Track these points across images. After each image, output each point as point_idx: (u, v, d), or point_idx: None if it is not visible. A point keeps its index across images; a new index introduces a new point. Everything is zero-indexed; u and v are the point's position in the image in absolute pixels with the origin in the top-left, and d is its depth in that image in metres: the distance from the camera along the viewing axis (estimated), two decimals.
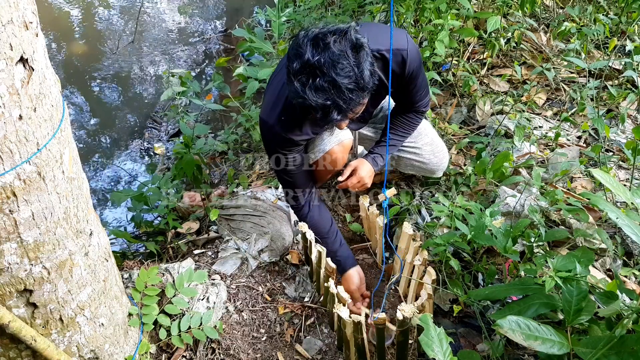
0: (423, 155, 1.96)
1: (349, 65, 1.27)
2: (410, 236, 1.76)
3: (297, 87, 1.29)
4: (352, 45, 1.29)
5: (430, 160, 1.97)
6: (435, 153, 1.97)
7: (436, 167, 2.01)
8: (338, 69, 1.26)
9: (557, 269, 1.23)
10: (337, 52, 1.26)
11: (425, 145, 1.94)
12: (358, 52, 1.29)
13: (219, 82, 2.59)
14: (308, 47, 1.27)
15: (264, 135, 1.67)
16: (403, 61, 1.57)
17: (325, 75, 1.26)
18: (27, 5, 0.92)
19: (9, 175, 0.95)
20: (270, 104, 1.60)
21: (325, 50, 1.26)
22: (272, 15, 2.77)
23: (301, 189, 1.81)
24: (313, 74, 1.27)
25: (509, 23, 3.01)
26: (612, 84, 2.67)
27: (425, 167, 2.00)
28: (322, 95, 1.28)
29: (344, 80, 1.27)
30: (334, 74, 1.26)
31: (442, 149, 2.00)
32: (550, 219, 1.90)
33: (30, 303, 1.14)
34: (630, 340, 1.01)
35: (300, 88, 1.29)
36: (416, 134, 1.92)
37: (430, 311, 1.68)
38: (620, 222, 1.11)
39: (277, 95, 1.57)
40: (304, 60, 1.27)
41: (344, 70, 1.27)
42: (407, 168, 2.06)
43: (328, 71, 1.26)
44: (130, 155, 3.54)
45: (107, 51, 4.52)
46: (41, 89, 0.98)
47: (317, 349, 1.78)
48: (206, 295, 1.84)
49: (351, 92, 1.29)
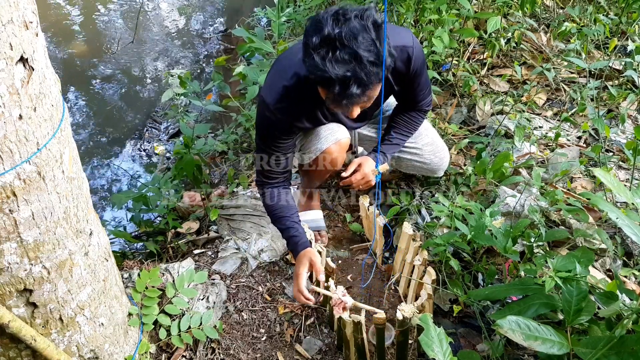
0: (424, 155, 1.96)
1: (370, 38, 1.26)
2: (410, 236, 1.76)
3: (317, 60, 1.27)
4: (373, 21, 1.28)
5: (432, 161, 1.97)
6: (436, 153, 1.97)
7: (437, 167, 2.01)
8: (359, 41, 1.25)
9: (557, 269, 1.23)
10: (358, 25, 1.26)
11: (425, 145, 1.94)
12: (378, 29, 1.29)
13: (219, 82, 2.58)
14: (329, 21, 1.26)
15: (258, 116, 1.64)
16: (409, 58, 1.57)
17: (346, 47, 1.25)
18: (27, 5, 0.92)
19: (9, 175, 0.95)
20: (271, 83, 1.58)
21: (345, 24, 1.25)
22: (272, 15, 2.77)
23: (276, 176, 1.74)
24: (333, 46, 1.25)
25: (509, 23, 3.00)
26: (613, 84, 2.67)
27: (426, 167, 2.00)
28: (342, 67, 1.26)
29: (364, 52, 1.25)
30: (354, 45, 1.24)
31: (443, 149, 2.00)
32: (550, 219, 1.90)
33: (30, 303, 1.14)
34: (630, 340, 1.01)
35: (320, 61, 1.27)
36: (416, 135, 1.91)
37: (430, 311, 1.68)
38: (620, 222, 1.11)
39: (278, 75, 1.56)
40: (324, 34, 1.26)
41: (365, 42, 1.26)
42: (409, 168, 2.07)
43: (349, 43, 1.24)
44: (130, 155, 3.54)
45: (107, 51, 4.52)
46: (41, 89, 0.98)
47: (317, 348, 1.78)
48: (206, 295, 1.84)
49: (372, 64, 1.27)
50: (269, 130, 1.64)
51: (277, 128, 1.63)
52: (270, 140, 1.66)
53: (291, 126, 1.65)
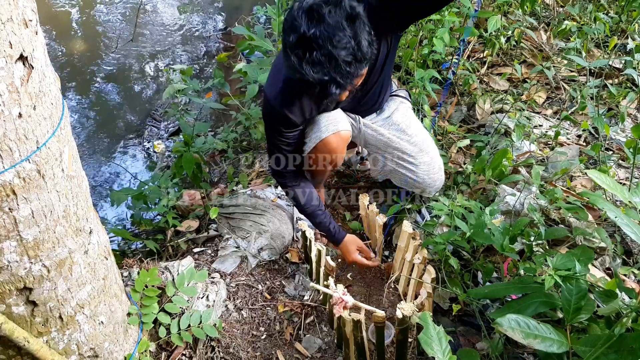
0: (418, 173, 1.91)
1: (345, 36, 1.25)
2: (410, 235, 1.76)
3: (294, 61, 1.28)
4: (347, 16, 1.26)
5: (424, 180, 1.92)
6: (431, 174, 1.92)
7: (429, 187, 1.96)
8: (335, 42, 1.24)
9: (557, 268, 1.23)
10: (332, 23, 1.24)
11: (422, 164, 1.90)
12: (354, 23, 1.27)
13: (219, 79, 2.58)
14: (303, 20, 1.25)
15: (264, 111, 1.66)
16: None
17: (322, 48, 1.24)
18: (26, 3, 0.92)
19: (9, 174, 0.95)
20: (273, 78, 1.59)
21: (320, 23, 1.24)
22: (272, 12, 2.77)
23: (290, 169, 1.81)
24: (309, 47, 1.25)
25: (509, 22, 3.00)
26: (612, 82, 2.67)
27: (417, 185, 1.95)
28: (319, 69, 1.26)
29: (341, 52, 1.25)
30: (330, 47, 1.24)
31: (439, 172, 1.94)
32: (550, 218, 1.90)
33: (29, 301, 1.14)
34: (629, 338, 1.02)
35: (297, 62, 1.27)
36: (417, 150, 1.88)
37: (430, 310, 1.68)
38: (619, 221, 1.11)
39: (279, 69, 1.56)
40: (300, 33, 1.25)
41: (341, 42, 1.25)
42: (401, 183, 2.02)
43: (325, 43, 1.24)
44: (130, 153, 3.53)
45: (107, 49, 4.51)
46: (41, 87, 0.98)
47: (316, 347, 1.78)
48: (206, 293, 1.85)
49: (349, 65, 1.27)
50: (276, 126, 1.66)
51: (284, 122, 1.64)
52: (280, 137, 1.69)
53: (297, 117, 1.65)
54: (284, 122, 1.64)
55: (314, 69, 1.27)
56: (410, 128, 1.90)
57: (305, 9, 1.25)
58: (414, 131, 1.89)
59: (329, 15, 1.24)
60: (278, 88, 1.56)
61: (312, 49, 1.25)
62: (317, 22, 1.24)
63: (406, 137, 1.88)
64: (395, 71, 2.95)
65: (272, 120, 1.66)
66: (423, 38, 2.85)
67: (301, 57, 1.27)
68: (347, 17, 1.26)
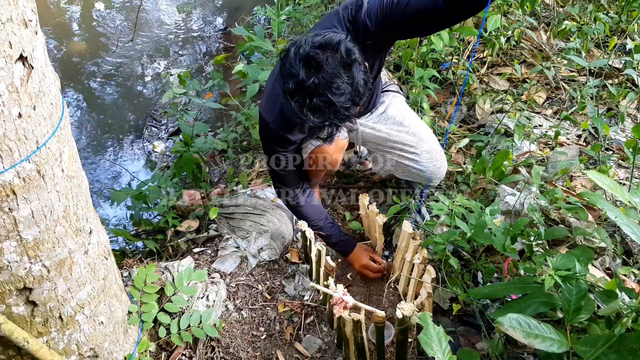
0: (421, 162, 1.93)
1: (343, 83, 1.29)
2: (410, 235, 1.76)
3: (295, 107, 1.32)
4: (344, 63, 1.30)
5: (428, 169, 1.94)
6: (434, 162, 1.94)
7: (433, 175, 1.98)
8: (333, 89, 1.28)
9: (557, 268, 1.23)
10: (330, 71, 1.28)
11: (424, 152, 1.92)
12: (351, 68, 1.31)
13: (219, 80, 2.58)
14: (301, 68, 1.28)
15: (262, 131, 1.70)
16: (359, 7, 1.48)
17: (321, 95, 1.28)
18: (26, 3, 0.92)
19: (9, 174, 0.95)
20: (270, 102, 1.62)
21: (318, 71, 1.27)
22: (271, 13, 2.77)
23: (293, 186, 1.84)
24: (309, 94, 1.29)
25: (509, 21, 3.00)
26: (612, 82, 2.68)
27: (422, 174, 1.96)
28: (319, 115, 1.31)
29: (340, 98, 1.29)
30: (330, 94, 1.28)
31: (441, 158, 1.96)
32: (550, 218, 1.90)
33: (29, 301, 1.14)
34: (629, 339, 1.01)
35: (298, 108, 1.31)
36: (417, 140, 1.90)
37: (430, 310, 1.68)
38: (619, 221, 1.11)
39: (277, 94, 1.57)
40: (299, 81, 1.28)
41: (339, 89, 1.29)
42: (405, 174, 2.03)
43: (324, 92, 1.28)
44: (129, 153, 3.53)
45: (107, 49, 4.51)
46: (41, 87, 0.98)
47: (316, 347, 1.78)
48: (206, 293, 1.85)
49: (347, 109, 1.32)
50: (272, 145, 1.71)
51: (282, 141, 1.68)
52: (276, 154, 1.73)
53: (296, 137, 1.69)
54: (282, 141, 1.68)
55: (315, 114, 1.31)
56: (406, 119, 1.92)
57: (302, 57, 1.28)
58: (410, 122, 1.92)
59: (326, 63, 1.28)
60: (275, 113, 1.60)
61: (312, 96, 1.29)
62: (316, 70, 1.28)
63: (404, 129, 1.91)
64: (395, 71, 2.96)
65: (271, 141, 1.70)
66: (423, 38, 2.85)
67: (302, 104, 1.31)
68: (344, 64, 1.30)
